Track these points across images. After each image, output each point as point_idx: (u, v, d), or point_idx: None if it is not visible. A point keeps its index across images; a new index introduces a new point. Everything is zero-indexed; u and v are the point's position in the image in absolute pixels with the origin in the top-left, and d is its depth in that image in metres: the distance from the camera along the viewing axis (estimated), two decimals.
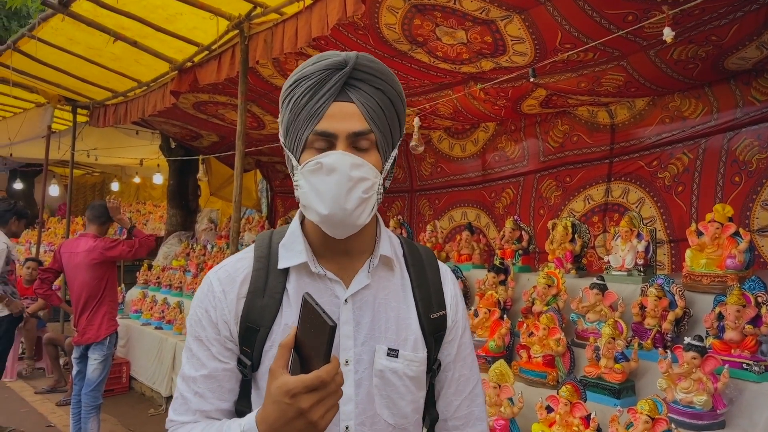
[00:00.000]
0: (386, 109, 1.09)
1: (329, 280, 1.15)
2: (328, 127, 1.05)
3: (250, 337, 1.12)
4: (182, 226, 8.00)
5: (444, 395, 1.25)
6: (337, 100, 1.05)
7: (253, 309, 1.13)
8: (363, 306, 1.15)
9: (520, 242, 3.68)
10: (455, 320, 1.25)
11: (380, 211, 3.76)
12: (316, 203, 1.06)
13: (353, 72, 1.05)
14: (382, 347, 1.14)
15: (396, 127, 1.13)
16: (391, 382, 1.14)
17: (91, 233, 4.42)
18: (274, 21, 3.81)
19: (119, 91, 6.13)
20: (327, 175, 1.04)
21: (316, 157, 1.05)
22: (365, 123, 1.06)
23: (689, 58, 3.40)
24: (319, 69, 1.05)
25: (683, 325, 2.69)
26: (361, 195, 1.05)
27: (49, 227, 11.33)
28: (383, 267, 1.19)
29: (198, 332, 1.15)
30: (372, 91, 1.07)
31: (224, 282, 1.16)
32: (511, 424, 2.56)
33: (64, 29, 4.72)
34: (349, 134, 1.05)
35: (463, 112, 4.91)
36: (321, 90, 1.05)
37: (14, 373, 6.68)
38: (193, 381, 1.13)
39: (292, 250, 1.16)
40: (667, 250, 4.05)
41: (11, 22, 14.17)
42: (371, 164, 1.07)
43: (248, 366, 1.12)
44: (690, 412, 2.24)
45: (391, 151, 1.14)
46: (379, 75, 1.08)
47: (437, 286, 1.24)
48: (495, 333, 3.09)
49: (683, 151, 4.00)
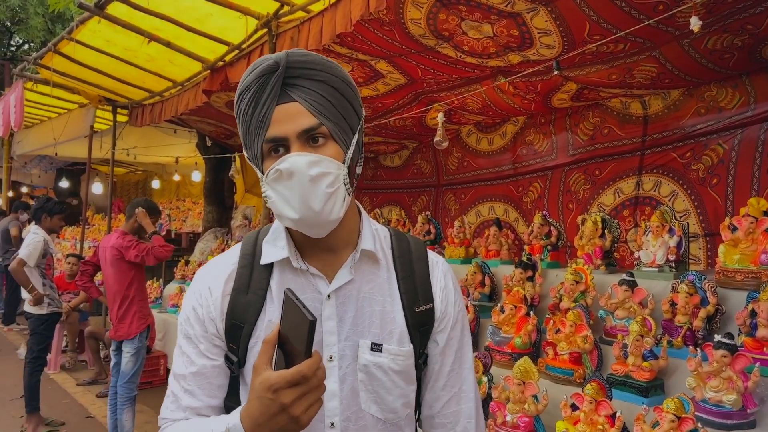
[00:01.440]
0: (332, 97, 1.06)
1: (311, 276, 1.15)
2: (276, 132, 1.04)
3: (235, 333, 1.13)
4: (218, 223, 8.15)
5: (432, 389, 1.23)
6: (279, 103, 1.04)
7: (238, 306, 1.14)
8: (346, 301, 1.15)
9: (549, 237, 3.63)
10: (444, 313, 1.22)
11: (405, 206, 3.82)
12: (286, 210, 1.06)
13: (288, 71, 1.04)
14: (365, 342, 1.14)
15: (350, 113, 1.10)
16: (376, 377, 1.13)
17: (121, 229, 4.54)
18: (301, 19, 3.84)
19: (155, 91, 6.27)
20: (288, 180, 1.04)
21: (274, 164, 1.05)
22: (312, 118, 1.04)
23: (724, 48, 3.30)
24: (254, 77, 1.05)
25: (715, 322, 2.62)
26: (326, 190, 1.05)
27: (94, 224, 11.66)
28: (367, 261, 1.19)
29: (187, 330, 1.16)
30: (312, 85, 1.05)
31: (210, 280, 1.17)
32: (535, 422, 2.54)
33: (101, 31, 4.85)
34: (299, 133, 1.04)
35: (492, 107, 4.87)
36: (262, 97, 1.04)
37: (58, 365, 6.91)
38: (183, 378, 1.15)
39: (274, 246, 1.17)
40: (702, 244, 3.95)
41: (56, 26, 14.62)
42: (330, 157, 1.06)
43: (235, 362, 1.13)
44: (719, 411, 2.19)
45: (352, 137, 1.11)
46: (314, 66, 1.05)
47: (425, 279, 1.22)
48: (521, 329, 3.06)
49: (718, 142, 3.89)
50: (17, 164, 12.23)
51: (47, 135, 8.97)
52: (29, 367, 5.13)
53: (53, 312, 5.29)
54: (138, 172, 14.39)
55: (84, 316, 6.97)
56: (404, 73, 4.35)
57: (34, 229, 5.35)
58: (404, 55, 3.99)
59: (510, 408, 2.59)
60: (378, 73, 4.41)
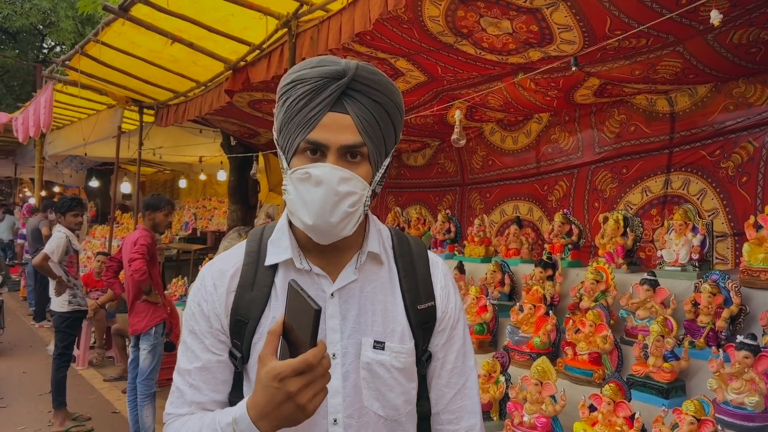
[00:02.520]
0: (381, 121, 1.08)
1: (315, 275, 1.16)
2: (320, 137, 1.05)
3: (239, 329, 1.14)
4: (242, 221, 8.21)
5: (435, 386, 1.25)
6: (332, 110, 1.04)
7: (242, 302, 1.15)
8: (349, 300, 1.16)
9: (570, 236, 3.58)
10: (445, 311, 1.24)
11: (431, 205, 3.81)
12: (302, 212, 1.07)
13: (351, 83, 1.04)
14: (368, 340, 1.15)
15: (390, 138, 1.13)
16: (378, 374, 1.15)
17: (142, 226, 4.62)
18: (320, 18, 3.85)
19: (180, 92, 6.35)
20: (314, 187, 1.04)
21: (306, 167, 1.06)
22: (358, 136, 1.05)
23: (751, 42, 3.22)
24: (317, 75, 1.04)
25: (739, 322, 2.55)
26: (347, 209, 1.06)
27: (122, 222, 11.85)
28: (371, 262, 1.21)
29: (192, 325, 1.18)
30: (369, 104, 1.06)
31: (215, 276, 1.18)
32: (553, 423, 2.51)
33: (126, 33, 4.92)
34: (341, 147, 1.05)
35: (514, 104, 4.82)
36: (317, 98, 1.04)
37: (86, 361, 7.06)
38: (188, 373, 1.16)
39: (279, 246, 1.18)
40: (730, 243, 3.85)
41: (86, 28, 14.92)
42: (360, 177, 1.07)
43: (239, 358, 1.15)
44: (741, 413, 2.13)
45: (383, 160, 1.14)
46: (377, 87, 1.07)
47: (426, 277, 1.24)
48: (540, 329, 3.03)
49: (748, 140, 3.79)
50: (49, 164, 12.51)
51: (77, 136, 9.16)
52: (55, 363, 5.25)
53: (75, 310, 5.40)
54: (166, 171, 14.60)
55: (111, 314, 7.10)
56: (424, 71, 4.33)
57: (58, 227, 5.49)
58: (423, 53, 3.97)
59: (527, 408, 2.56)
60: (398, 72, 4.40)
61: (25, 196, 18.61)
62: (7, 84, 19.02)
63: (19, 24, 15.94)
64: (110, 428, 5.24)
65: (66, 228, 5.45)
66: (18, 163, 15.51)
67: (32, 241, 9.51)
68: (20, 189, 19.76)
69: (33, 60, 18.32)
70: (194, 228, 11.35)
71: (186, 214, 11.95)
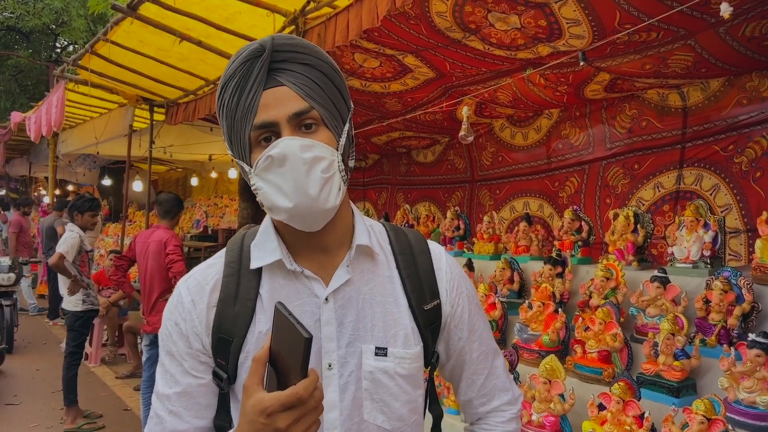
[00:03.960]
0: (321, 82, 1.02)
1: (306, 278, 1.08)
2: (265, 117, 0.98)
3: (223, 348, 1.05)
4: (253, 219, 8.22)
5: (465, 378, 1.24)
6: (267, 87, 0.98)
7: (225, 318, 1.06)
8: (346, 304, 1.08)
9: (580, 233, 3.54)
10: (456, 304, 1.18)
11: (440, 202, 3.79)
12: (279, 199, 0.99)
13: (274, 54, 0.99)
14: (369, 347, 1.07)
15: (339, 100, 1.05)
16: (382, 383, 1.07)
17: (163, 226, 4.64)
18: (327, 15, 3.84)
19: (189, 90, 6.37)
20: (280, 167, 0.98)
21: (265, 152, 0.99)
22: (303, 102, 0.99)
23: (764, 35, 3.16)
24: (239, 63, 0.99)
25: (751, 320, 2.51)
26: (321, 175, 0.99)
27: (134, 220, 11.94)
28: (364, 258, 1.13)
29: (169, 347, 1.08)
30: (301, 68, 1.00)
31: (193, 291, 1.09)
32: (562, 421, 2.49)
33: (134, 32, 4.94)
34: (290, 116, 0.98)
35: (523, 100, 4.78)
36: (248, 84, 0.98)
37: (98, 358, 7.12)
38: (167, 399, 1.07)
39: (264, 249, 1.09)
40: (744, 239, 3.80)
41: (97, 27, 15.02)
42: (323, 142, 1.00)
43: (224, 379, 1.06)
44: (752, 412, 2.10)
45: (343, 127, 1.06)
46: (302, 50, 1.01)
47: (429, 273, 1.16)
48: (549, 327, 3.00)
49: (762, 134, 3.73)
50: (63, 163, 12.61)
51: (89, 134, 9.22)
52: (66, 361, 5.31)
53: (88, 309, 5.46)
54: (178, 169, 14.67)
55: (122, 312, 7.15)
56: (432, 67, 4.30)
57: (70, 226, 5.54)
58: (432, 49, 3.95)
59: (536, 407, 2.54)
60: (406, 68, 4.37)
61: (40, 194, 18.80)
62: (20, 84, 19.20)
63: (32, 24, 16.08)
64: (122, 425, 5.28)
65: (79, 227, 5.49)
66: (33, 162, 15.65)
67: (46, 240, 9.59)
68: (36, 187, 19.96)
69: (46, 59, 18.50)
70: (205, 225, 11.40)
71: (197, 212, 12.00)
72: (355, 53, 4.15)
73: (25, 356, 7.54)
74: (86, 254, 5.53)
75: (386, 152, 7.19)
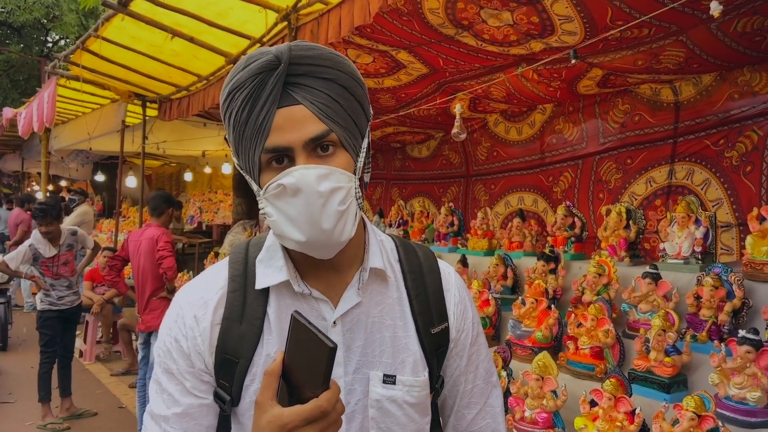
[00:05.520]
0: (341, 99, 0.93)
1: (314, 300, 1.01)
2: (278, 141, 0.90)
3: (227, 369, 0.99)
4: (247, 215, 8.24)
5: (455, 410, 1.15)
6: (281, 106, 0.89)
7: (230, 338, 0.99)
8: (354, 327, 1.02)
9: (573, 229, 3.56)
10: (461, 329, 1.12)
11: (435, 197, 3.80)
12: (291, 231, 0.92)
13: (291, 68, 0.89)
14: (377, 374, 1.01)
15: (360, 115, 0.97)
16: (390, 412, 1.02)
17: (155, 223, 4.63)
18: (320, 11, 3.83)
19: (182, 86, 6.34)
20: (293, 197, 0.90)
21: (276, 179, 0.91)
22: (321, 124, 0.90)
23: (755, 30, 3.17)
24: (250, 74, 0.89)
25: (741, 316, 2.53)
26: (338, 208, 0.91)
27: (128, 216, 11.90)
28: (375, 280, 1.06)
29: (168, 365, 1.01)
30: (320, 84, 0.91)
31: (196, 306, 1.01)
32: (554, 417, 2.50)
33: (126, 28, 4.91)
34: (306, 142, 0.90)
35: (516, 95, 4.79)
36: (259, 99, 0.89)
37: (93, 356, 7.12)
38: (164, 420, 0.99)
39: (271, 266, 1.02)
40: (735, 233, 3.82)
41: (89, 21, 14.92)
42: (340, 167, 0.93)
43: (227, 401, 0.99)
44: (742, 408, 2.12)
45: (361, 143, 0.98)
46: (321, 62, 0.91)
47: (438, 295, 1.10)
48: (542, 323, 3.01)
49: (752, 129, 3.75)
50: (55, 158, 12.55)
51: (82, 130, 9.17)
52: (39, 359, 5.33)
53: (45, 309, 5.37)
54: (172, 164, 14.62)
55: (116, 309, 7.14)
56: (426, 63, 4.29)
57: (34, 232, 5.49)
58: (425, 45, 3.94)
59: (528, 403, 2.55)
60: (399, 64, 4.37)
61: (33, 190, 18.72)
62: (12, 79, 19.05)
63: (23, 19, 15.94)
64: (117, 423, 5.28)
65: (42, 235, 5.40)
66: (25, 157, 15.56)
67: None
68: (28, 183, 19.87)
69: (38, 54, 18.35)
70: (200, 221, 11.37)
71: (191, 207, 11.97)
72: (348, 49, 4.14)
73: (19, 354, 7.53)
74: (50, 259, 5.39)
75: (381, 147, 7.19)
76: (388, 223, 5.06)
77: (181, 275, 6.96)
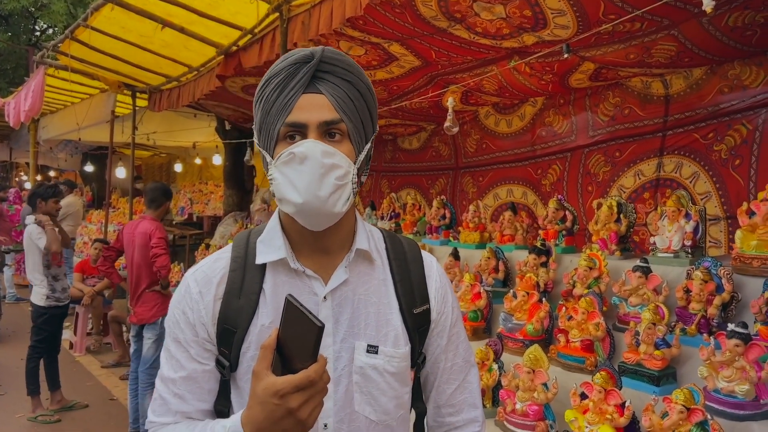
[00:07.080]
0: (355, 100, 1.10)
1: (307, 277, 1.15)
2: (298, 117, 1.06)
3: (227, 338, 1.13)
4: (238, 206, 8.20)
5: (436, 385, 1.29)
6: (307, 92, 1.07)
7: (230, 310, 1.13)
8: (342, 303, 1.16)
9: (564, 222, 3.57)
10: (441, 312, 1.26)
11: (423, 189, 3.83)
12: (291, 193, 1.06)
13: (320, 65, 1.07)
14: (361, 344, 1.15)
15: (368, 120, 1.14)
16: (371, 378, 1.15)
17: (149, 216, 4.60)
18: (312, 2, 3.81)
19: (172, 76, 6.29)
20: (300, 164, 1.05)
21: (289, 148, 1.06)
22: (335, 113, 1.07)
23: (746, 25, 3.19)
24: (287, 65, 1.08)
25: (730, 310, 2.55)
26: (335, 182, 1.06)
27: (118, 207, 11.82)
28: (362, 261, 1.20)
29: (176, 334, 1.16)
30: (340, 83, 1.09)
31: (201, 283, 1.17)
32: (545, 410, 2.52)
33: (115, 18, 4.86)
34: (320, 123, 1.07)
35: (509, 88, 4.79)
36: (290, 83, 1.07)
37: (83, 348, 7.09)
38: (172, 382, 1.15)
39: (270, 245, 1.17)
40: (723, 227, 3.86)
41: (77, 10, 14.76)
42: (344, 153, 1.08)
43: (226, 367, 1.14)
44: (731, 401, 2.15)
45: (365, 144, 1.15)
46: (346, 67, 1.10)
47: (420, 280, 1.25)
48: (533, 316, 3.03)
49: (741, 122, 3.77)
50: (44, 149, 12.44)
51: (71, 120, 9.10)
52: (28, 353, 5.23)
53: (52, 306, 5.24)
54: (162, 155, 14.53)
55: (107, 301, 7.11)
56: (418, 56, 4.29)
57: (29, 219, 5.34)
58: (417, 38, 3.93)
59: (519, 396, 2.57)
60: (392, 56, 4.35)
61: (22, 180, 18.55)
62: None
63: (11, 7, 15.75)
64: (108, 415, 5.27)
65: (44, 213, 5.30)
66: (13, 147, 15.42)
67: None
68: (17, 173, 19.69)
69: (26, 43, 18.13)
70: (190, 213, 11.32)
71: (182, 198, 11.90)
72: (340, 41, 4.12)
73: (9, 346, 7.48)
74: None
75: None
76: (380, 215, 5.05)
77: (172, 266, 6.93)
